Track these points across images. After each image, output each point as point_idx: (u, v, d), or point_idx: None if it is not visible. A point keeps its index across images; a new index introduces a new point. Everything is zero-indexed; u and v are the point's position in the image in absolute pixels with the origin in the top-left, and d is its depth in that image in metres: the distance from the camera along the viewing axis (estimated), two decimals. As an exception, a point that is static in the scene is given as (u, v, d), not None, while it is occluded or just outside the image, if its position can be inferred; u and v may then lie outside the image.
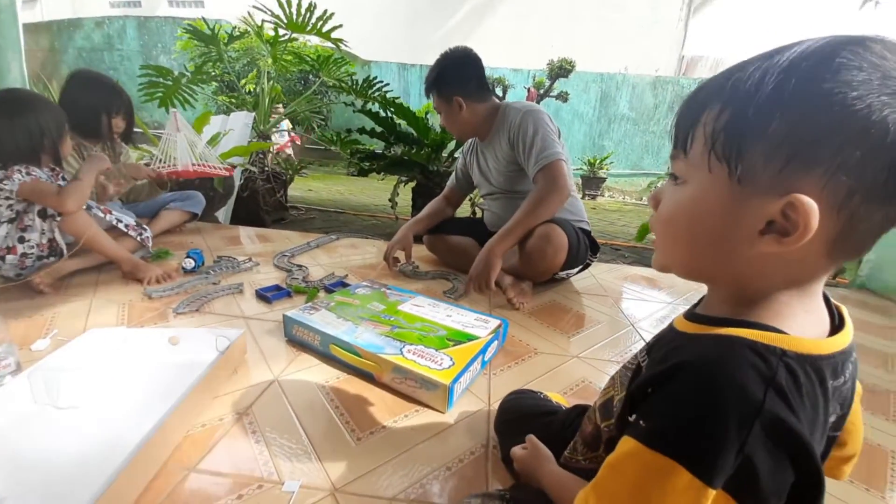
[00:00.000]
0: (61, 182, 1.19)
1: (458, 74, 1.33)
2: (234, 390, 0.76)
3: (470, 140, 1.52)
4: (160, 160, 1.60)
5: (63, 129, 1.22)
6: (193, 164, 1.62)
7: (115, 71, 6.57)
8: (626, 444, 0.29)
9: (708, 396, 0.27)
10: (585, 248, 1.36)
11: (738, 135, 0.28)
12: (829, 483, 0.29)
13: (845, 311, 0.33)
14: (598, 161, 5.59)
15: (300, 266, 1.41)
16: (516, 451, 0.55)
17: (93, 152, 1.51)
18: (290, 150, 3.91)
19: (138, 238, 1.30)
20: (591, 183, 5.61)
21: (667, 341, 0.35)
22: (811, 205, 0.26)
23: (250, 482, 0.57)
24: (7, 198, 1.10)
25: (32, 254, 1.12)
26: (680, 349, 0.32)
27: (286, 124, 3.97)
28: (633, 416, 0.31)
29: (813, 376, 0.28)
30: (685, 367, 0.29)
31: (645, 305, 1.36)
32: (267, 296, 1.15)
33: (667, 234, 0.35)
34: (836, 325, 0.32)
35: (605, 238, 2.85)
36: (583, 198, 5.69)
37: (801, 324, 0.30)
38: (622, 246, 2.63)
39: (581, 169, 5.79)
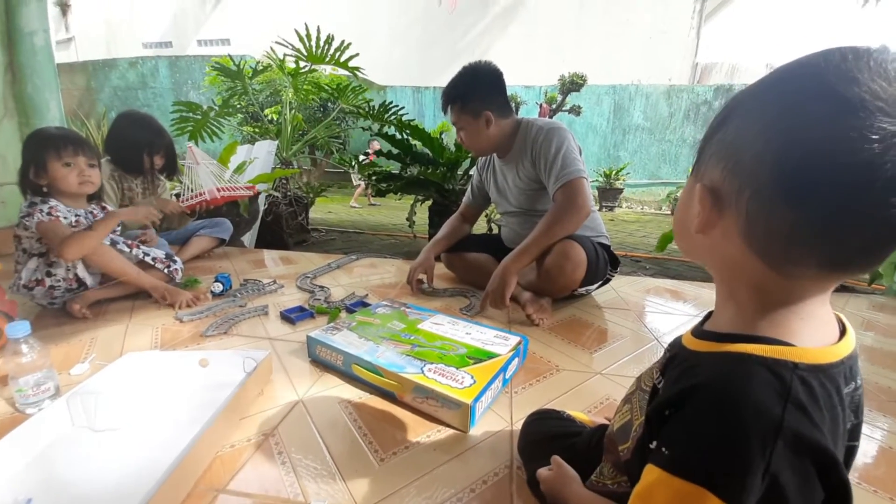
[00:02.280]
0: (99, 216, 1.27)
1: (488, 88, 1.30)
2: (260, 411, 0.78)
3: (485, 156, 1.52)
4: (190, 190, 1.71)
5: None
6: (219, 189, 1.72)
7: (148, 107, 7.00)
8: (652, 473, 0.29)
9: (727, 418, 0.27)
10: (605, 264, 1.34)
11: (703, 141, 0.35)
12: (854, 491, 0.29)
13: (844, 317, 0.34)
14: (614, 172, 5.55)
15: (322, 287, 1.44)
16: (542, 472, 0.54)
17: (133, 184, 1.61)
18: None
19: (165, 271, 1.35)
20: (608, 194, 5.56)
21: (679, 361, 0.35)
22: (703, 190, 0.32)
23: (277, 503, 0.58)
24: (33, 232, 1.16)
25: (60, 286, 1.18)
26: (693, 369, 0.32)
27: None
28: (654, 444, 0.31)
29: (828, 385, 0.28)
30: (700, 389, 0.29)
31: (669, 319, 1.32)
32: (291, 317, 1.18)
33: (673, 226, 0.41)
34: (841, 332, 0.32)
35: (625, 250, 2.81)
36: (600, 209, 5.63)
37: (804, 334, 0.30)
38: (643, 258, 2.58)
39: (597, 181, 5.76)
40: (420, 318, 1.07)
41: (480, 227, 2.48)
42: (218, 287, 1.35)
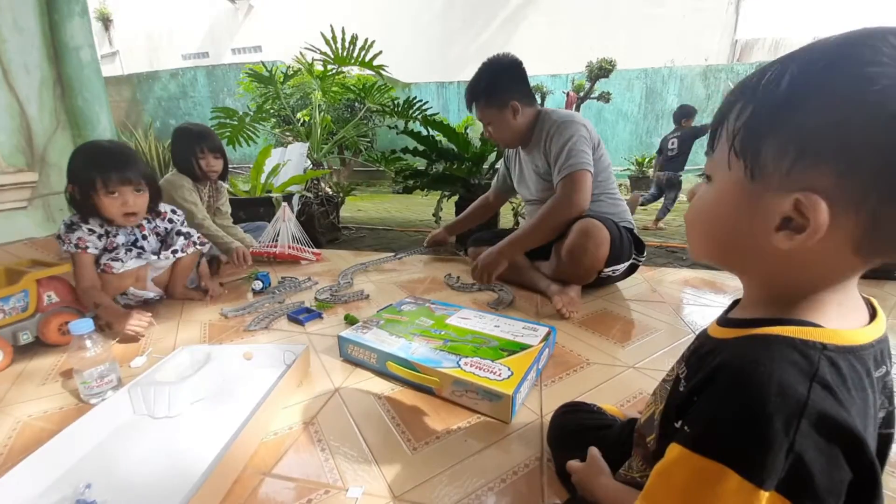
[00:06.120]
0: (119, 238, 1.20)
1: (511, 78, 1.31)
2: (300, 401, 0.83)
3: None
4: (270, 237, 1.86)
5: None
6: (289, 247, 1.85)
7: (189, 116, 7.39)
8: (673, 450, 0.29)
9: (750, 397, 0.27)
10: (629, 244, 1.31)
11: (753, 132, 0.29)
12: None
13: (875, 302, 0.32)
14: (646, 160, 5.34)
15: (347, 282, 1.50)
16: (573, 464, 0.54)
17: (201, 192, 1.68)
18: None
19: (203, 249, 1.37)
20: (641, 183, 5.36)
21: (705, 350, 0.35)
22: (817, 202, 0.26)
23: (318, 487, 0.62)
24: None
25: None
26: (717, 354, 0.32)
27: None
28: (679, 423, 0.31)
29: (858, 367, 0.28)
30: (724, 369, 0.29)
31: (707, 311, 1.27)
32: (299, 318, 1.18)
33: (693, 228, 0.36)
34: (871, 317, 0.31)
35: (659, 240, 2.71)
36: (633, 199, 5.43)
37: (836, 317, 0.30)
38: (679, 248, 2.48)
39: (629, 169, 5.56)
40: (446, 313, 1.08)
41: (508, 220, 2.46)
42: (258, 285, 1.43)
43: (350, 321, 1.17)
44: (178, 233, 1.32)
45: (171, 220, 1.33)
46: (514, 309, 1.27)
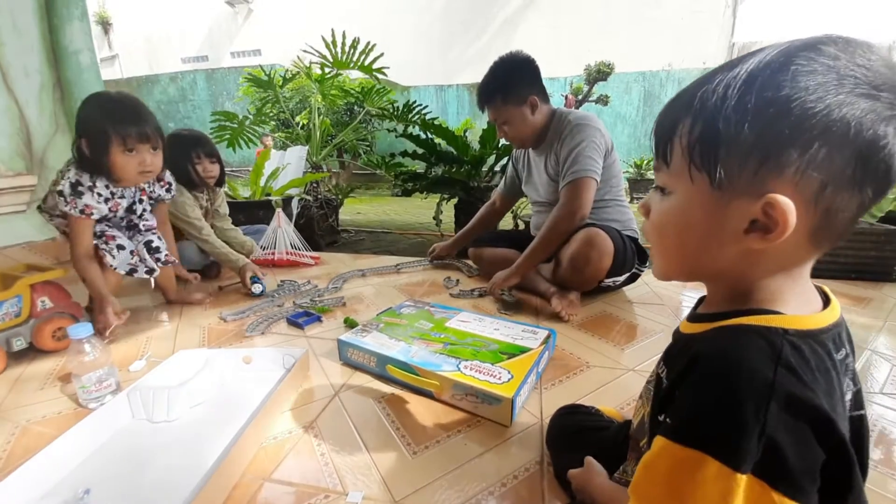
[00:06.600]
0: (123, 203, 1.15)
1: (528, 74, 1.28)
2: (299, 405, 0.82)
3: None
4: (272, 244, 1.88)
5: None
6: (287, 253, 1.87)
7: (189, 119, 7.40)
8: (658, 442, 0.31)
9: (721, 385, 0.28)
10: (632, 254, 1.31)
11: (712, 146, 0.30)
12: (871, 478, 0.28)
13: (828, 289, 0.35)
14: (645, 162, 5.36)
15: (336, 286, 1.51)
16: (573, 472, 0.55)
17: (199, 199, 1.61)
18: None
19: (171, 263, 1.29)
20: (639, 185, 5.38)
21: (679, 347, 0.36)
22: (786, 202, 0.28)
23: (318, 492, 0.62)
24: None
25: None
26: (690, 348, 0.33)
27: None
28: (662, 416, 0.32)
29: (819, 350, 0.29)
30: (697, 361, 0.31)
31: (706, 313, 1.27)
32: (298, 322, 1.18)
33: (660, 242, 0.37)
34: (825, 304, 0.33)
35: (659, 243, 2.71)
36: (631, 201, 5.45)
37: (794, 304, 0.32)
38: (678, 250, 2.48)
39: (628, 172, 5.57)
40: (446, 316, 1.08)
41: (507, 222, 2.47)
42: (257, 288, 1.42)
43: (349, 324, 1.17)
44: (148, 245, 1.21)
45: (167, 190, 1.30)
46: (513, 310, 1.27)
